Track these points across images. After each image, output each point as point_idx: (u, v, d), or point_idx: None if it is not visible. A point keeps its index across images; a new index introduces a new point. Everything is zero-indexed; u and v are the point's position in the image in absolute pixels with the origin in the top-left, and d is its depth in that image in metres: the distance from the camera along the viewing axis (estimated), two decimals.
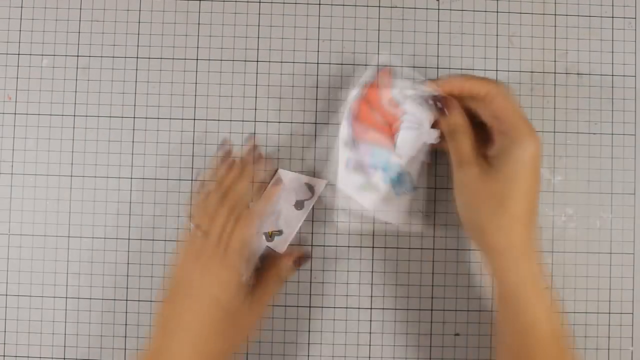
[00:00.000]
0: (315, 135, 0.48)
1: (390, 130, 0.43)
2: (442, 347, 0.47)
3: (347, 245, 0.47)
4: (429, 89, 0.41)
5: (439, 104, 0.41)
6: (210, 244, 0.39)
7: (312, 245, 0.47)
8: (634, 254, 0.48)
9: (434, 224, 0.47)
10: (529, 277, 0.37)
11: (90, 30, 0.48)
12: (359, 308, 0.48)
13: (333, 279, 0.48)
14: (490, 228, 0.37)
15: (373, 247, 0.47)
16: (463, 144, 0.40)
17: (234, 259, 0.39)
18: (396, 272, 0.48)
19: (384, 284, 0.48)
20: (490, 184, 0.37)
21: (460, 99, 0.41)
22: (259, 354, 0.47)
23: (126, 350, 0.47)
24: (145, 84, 0.48)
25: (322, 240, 0.46)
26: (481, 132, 0.41)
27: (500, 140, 0.39)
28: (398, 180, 0.44)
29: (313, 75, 0.48)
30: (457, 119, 0.40)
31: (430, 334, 0.47)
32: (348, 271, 0.48)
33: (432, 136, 0.42)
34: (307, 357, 0.47)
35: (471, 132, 0.40)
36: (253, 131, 0.48)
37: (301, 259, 0.45)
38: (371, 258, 0.48)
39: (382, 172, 0.43)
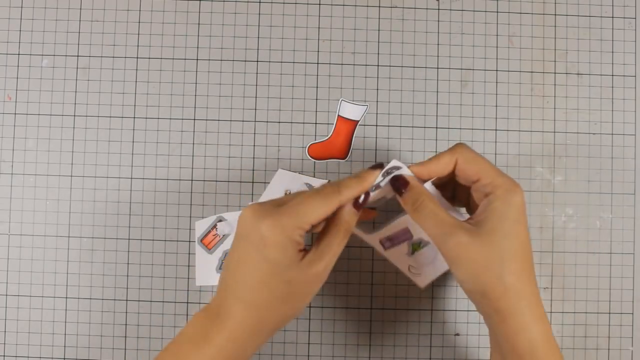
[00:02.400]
0: (315, 135, 0.48)
1: None
2: (442, 347, 0.47)
3: (348, 245, 0.47)
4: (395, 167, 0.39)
5: (396, 184, 0.38)
6: (274, 202, 0.37)
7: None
8: (634, 254, 0.48)
9: None
10: (543, 339, 0.35)
11: (90, 30, 0.48)
12: (359, 308, 0.48)
13: (333, 279, 0.48)
14: (497, 293, 0.35)
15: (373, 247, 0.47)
16: (435, 213, 0.36)
17: (291, 219, 0.35)
18: (396, 272, 0.48)
19: (384, 284, 0.48)
20: (485, 247, 0.35)
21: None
22: (259, 354, 0.47)
23: (126, 350, 0.47)
24: (145, 84, 0.48)
25: None
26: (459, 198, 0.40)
27: (484, 202, 0.37)
28: None
29: (313, 75, 0.48)
30: (414, 191, 0.38)
31: (430, 334, 0.47)
32: (348, 271, 0.48)
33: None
34: (307, 357, 0.47)
35: (436, 200, 0.37)
36: (253, 131, 0.48)
37: (363, 199, 0.38)
38: (371, 258, 0.48)
39: None
